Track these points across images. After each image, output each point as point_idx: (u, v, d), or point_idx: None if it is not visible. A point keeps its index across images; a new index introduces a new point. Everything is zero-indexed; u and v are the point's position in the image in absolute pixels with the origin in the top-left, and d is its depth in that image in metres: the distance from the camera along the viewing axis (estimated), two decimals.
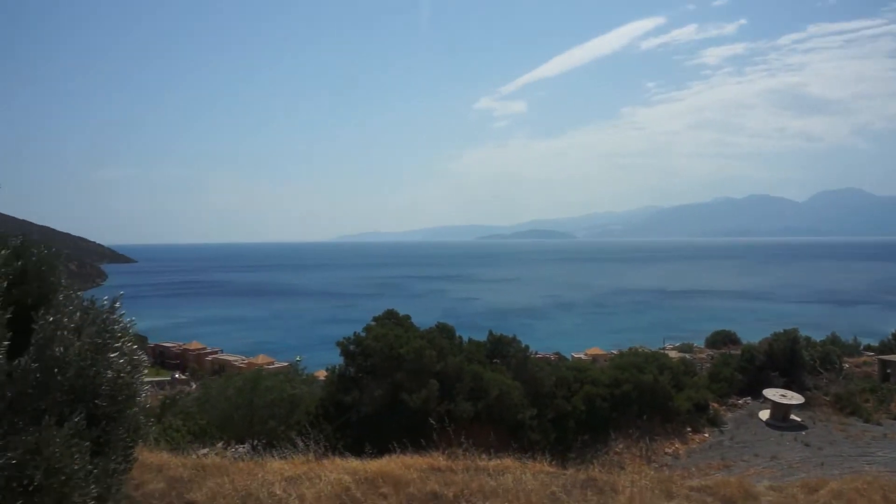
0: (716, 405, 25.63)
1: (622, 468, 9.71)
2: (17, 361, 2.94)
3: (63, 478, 2.79)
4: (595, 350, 74.75)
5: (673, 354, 39.83)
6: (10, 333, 2.90)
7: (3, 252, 3.05)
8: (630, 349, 32.88)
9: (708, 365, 34.00)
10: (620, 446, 22.33)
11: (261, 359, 72.51)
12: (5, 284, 3.03)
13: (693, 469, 19.38)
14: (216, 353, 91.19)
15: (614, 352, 42.95)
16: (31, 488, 2.77)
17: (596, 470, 9.31)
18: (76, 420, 2.96)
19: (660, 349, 46.94)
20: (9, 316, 2.93)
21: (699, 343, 67.12)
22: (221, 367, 73.72)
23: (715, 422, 24.14)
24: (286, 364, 49.89)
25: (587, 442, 22.30)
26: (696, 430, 23.58)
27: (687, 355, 42.31)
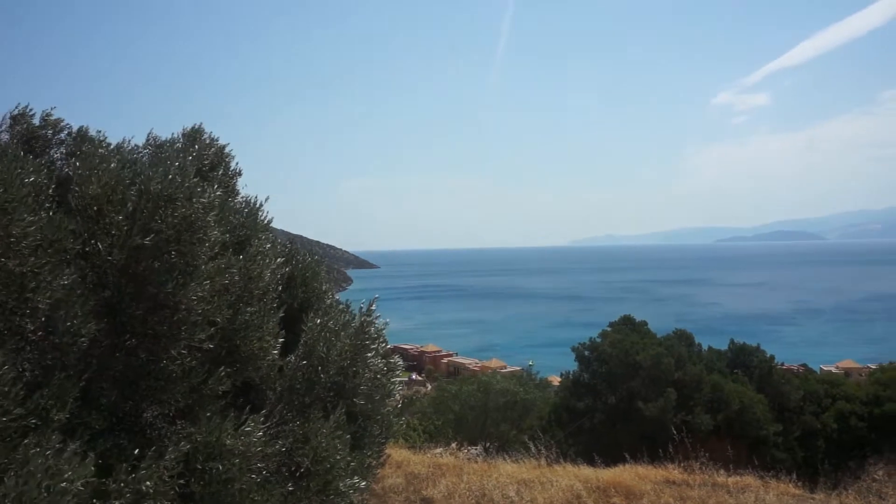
0: None
1: (883, 499, 8.77)
2: (288, 358, 3.27)
3: (328, 465, 3.04)
4: (848, 363, 68.30)
5: None
6: (282, 332, 3.23)
7: (277, 259, 3.41)
8: (892, 363, 29.53)
9: None
10: (880, 473, 19.88)
11: (494, 362, 74.18)
12: (280, 287, 3.37)
13: None
14: (451, 355, 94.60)
15: (872, 366, 38.68)
16: (297, 473, 3.05)
17: (850, 497, 8.50)
18: (338, 415, 3.21)
19: None
20: (281, 315, 3.27)
21: None
22: (456, 370, 76.36)
23: None
24: (519, 368, 50.58)
25: (839, 465, 20.23)
26: None
27: None
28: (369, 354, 3.42)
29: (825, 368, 55.27)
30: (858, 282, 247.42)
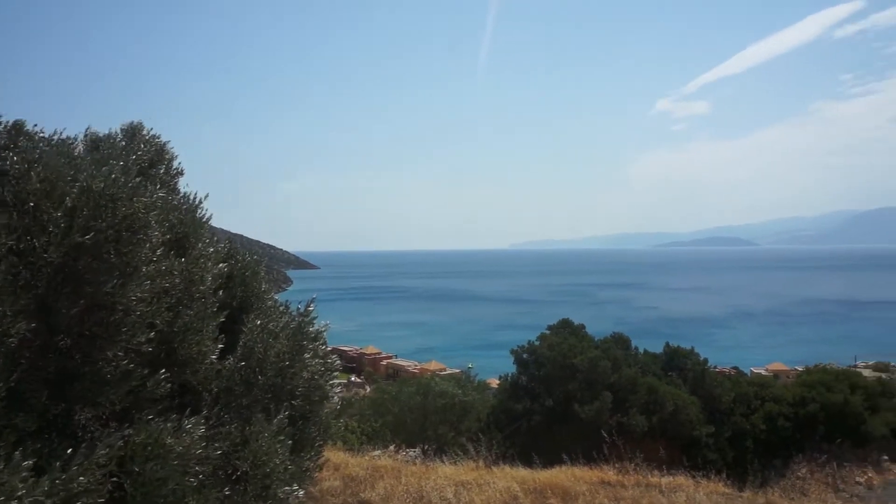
0: None
1: (805, 495, 9.11)
2: (227, 360, 3.22)
3: (267, 470, 3.01)
4: (777, 365, 71.11)
5: (866, 373, 37.01)
6: (221, 335, 3.18)
7: (220, 264, 3.36)
8: (817, 366, 30.79)
9: None
10: (803, 471, 20.65)
11: (433, 365, 74.28)
12: (220, 291, 3.32)
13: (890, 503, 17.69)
14: (391, 358, 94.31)
15: (799, 368, 40.31)
16: (234, 477, 3.00)
17: (775, 494, 8.80)
18: (280, 418, 3.18)
19: (851, 367, 43.80)
20: (222, 319, 3.22)
21: None
22: (395, 372, 76.20)
23: None
24: (458, 370, 50.81)
25: (766, 464, 20.90)
26: (894, 460, 21.46)
27: (884, 375, 38.91)
28: (307, 355, 3.40)
29: (755, 371, 57.12)
30: (789, 287, 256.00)
